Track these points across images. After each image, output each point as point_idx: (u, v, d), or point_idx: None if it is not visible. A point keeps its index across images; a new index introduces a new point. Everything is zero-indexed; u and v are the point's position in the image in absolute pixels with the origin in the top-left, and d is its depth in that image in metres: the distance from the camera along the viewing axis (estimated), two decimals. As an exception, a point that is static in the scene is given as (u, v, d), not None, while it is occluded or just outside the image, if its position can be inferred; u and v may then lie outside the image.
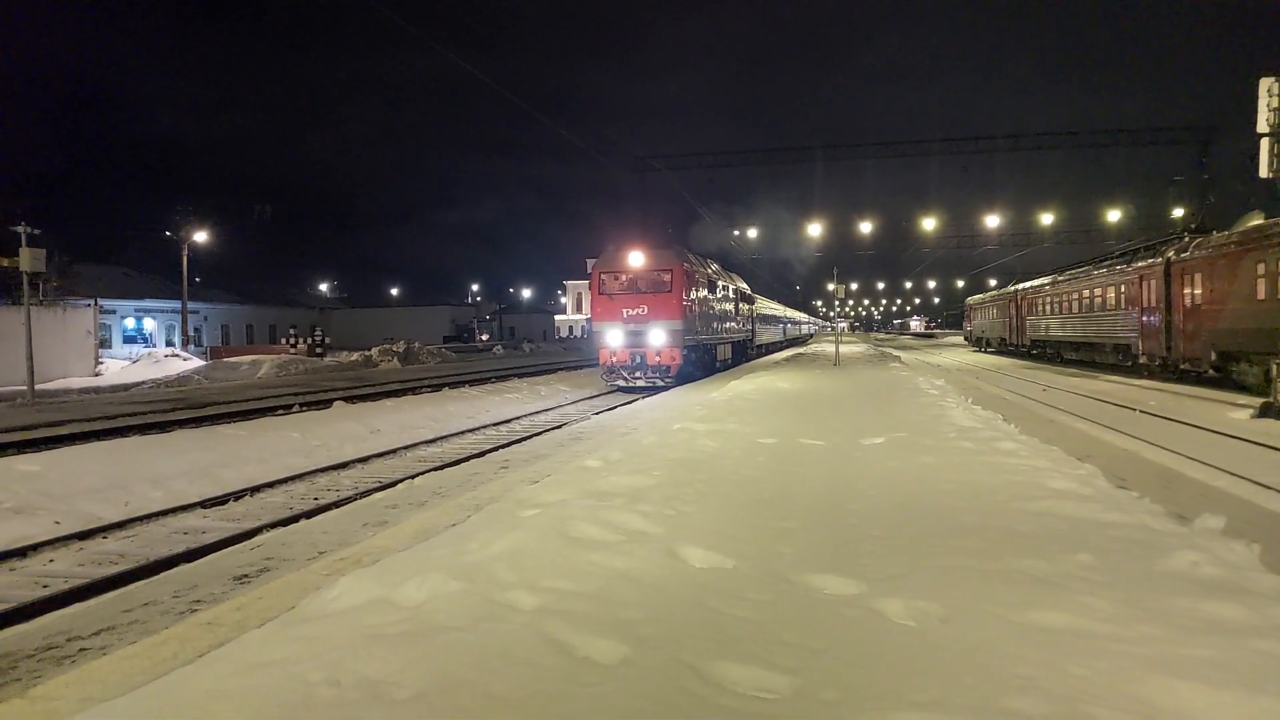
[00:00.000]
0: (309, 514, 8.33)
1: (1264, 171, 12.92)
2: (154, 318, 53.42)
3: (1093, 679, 2.85)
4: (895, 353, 42.09)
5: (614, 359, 22.34)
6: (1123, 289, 25.17)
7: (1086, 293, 29.02)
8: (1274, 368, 13.91)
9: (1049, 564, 4.19)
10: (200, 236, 43.40)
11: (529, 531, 4.86)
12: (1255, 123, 12.79)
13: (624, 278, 22.55)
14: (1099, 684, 2.81)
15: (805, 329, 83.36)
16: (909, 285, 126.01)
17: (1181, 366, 21.15)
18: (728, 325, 29.99)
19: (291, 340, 45.86)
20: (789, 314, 65.06)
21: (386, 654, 3.10)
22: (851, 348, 46.37)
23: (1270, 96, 12.60)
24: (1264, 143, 12.82)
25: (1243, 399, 15.19)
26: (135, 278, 56.02)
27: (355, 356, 39.80)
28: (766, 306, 47.51)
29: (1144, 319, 23.43)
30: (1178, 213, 43.47)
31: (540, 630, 3.33)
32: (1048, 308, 34.37)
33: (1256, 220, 18.65)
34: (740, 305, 33.67)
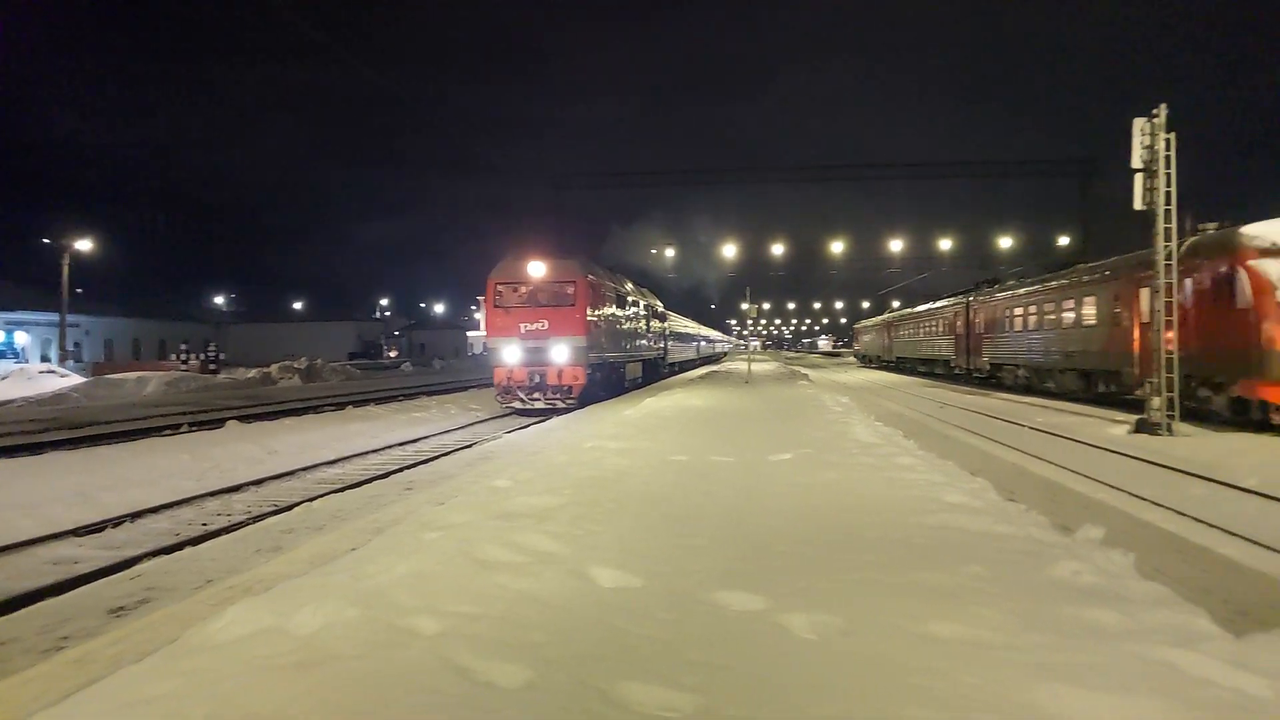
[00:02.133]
0: (196, 540, 7.89)
1: (1137, 204, 13.89)
2: (27, 331, 50.00)
3: (984, 687, 2.95)
4: (804, 371, 43.16)
5: (510, 378, 20.53)
6: (944, 321, 36.09)
7: (928, 322, 39.53)
8: (1096, 383, 20.53)
9: (944, 575, 4.34)
10: (84, 245, 40.90)
11: (433, 554, 4.73)
12: (1130, 159, 13.74)
13: (523, 289, 20.94)
14: (990, 692, 2.92)
15: (720, 347, 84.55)
16: (818, 305, 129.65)
17: (974, 374, 31.10)
18: (638, 343, 29.00)
19: (183, 356, 43.62)
20: (703, 332, 65.63)
21: (277, 686, 2.94)
22: (763, 366, 47.34)
23: (1143, 135, 13.57)
24: (1137, 178, 13.78)
25: (1120, 416, 16.19)
26: (7, 288, 52.31)
27: (253, 374, 38.17)
28: (680, 324, 47.75)
29: (956, 340, 33.65)
30: (1063, 240, 46.31)
31: (442, 655, 3.24)
32: (906, 332, 45.32)
33: (1012, 281, 29.44)
34: (652, 322, 32.72)
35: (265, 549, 6.67)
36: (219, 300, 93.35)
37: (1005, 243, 47.14)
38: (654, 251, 49.54)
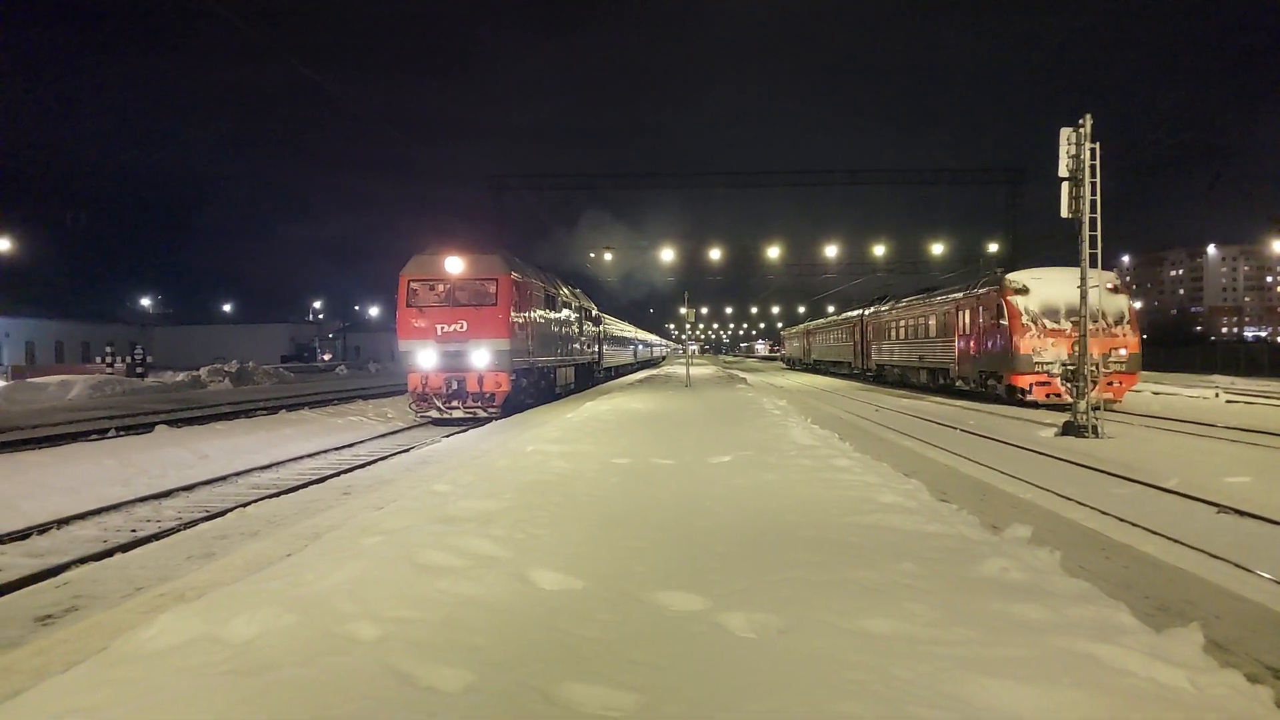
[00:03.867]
0: (125, 547, 7.62)
1: (1064, 212, 14.43)
2: (-60, 332, 47.53)
3: (915, 680, 3.05)
4: (742, 374, 43.71)
5: (425, 385, 18.84)
6: (847, 329, 44.57)
7: (836, 331, 48.48)
8: (923, 376, 29.24)
9: (878, 574, 4.46)
10: (1, 244, 39.05)
11: (371, 560, 4.67)
12: (1057, 168, 14.29)
13: (440, 288, 19.22)
14: (921, 685, 3.02)
15: (658, 351, 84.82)
16: (755, 310, 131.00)
17: (867, 373, 39.06)
18: (570, 346, 27.27)
19: (108, 359, 41.99)
20: (641, 336, 65.36)
21: (212, 695, 2.89)
22: (701, 370, 47.77)
23: (1069, 145, 14.11)
24: (1064, 186, 14.32)
25: (1049, 418, 16.80)
26: (-83, 287, 49.64)
27: (181, 377, 36.98)
28: (617, 327, 47.03)
29: (855, 346, 41.79)
30: (993, 247, 47.80)
31: (382, 661, 3.21)
32: (820, 338, 54.35)
33: (891, 301, 36.22)
34: (585, 324, 30.82)
35: (198, 556, 6.49)
36: (145, 302, 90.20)
37: (937, 248, 48.46)
38: (592, 255, 49.46)
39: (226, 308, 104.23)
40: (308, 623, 3.62)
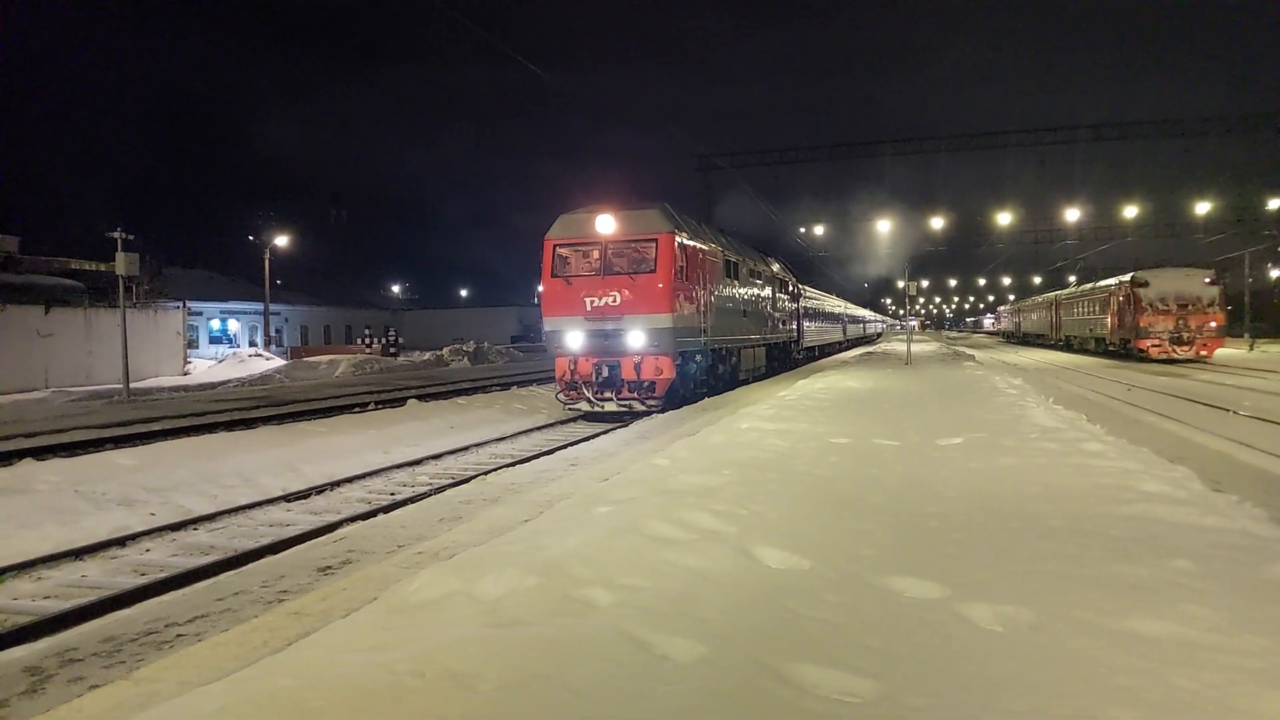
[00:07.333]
0: (387, 508, 8.53)
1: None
2: (238, 319, 55.60)
3: (1200, 692, 2.70)
4: (968, 351, 40.99)
5: (574, 371, 15.71)
6: (1046, 307, 53.71)
7: (1039, 310, 57.31)
8: (1092, 344, 40.02)
9: (1145, 570, 4.01)
10: (281, 241, 44.99)
11: (602, 528, 4.87)
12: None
13: (592, 253, 15.66)
14: (1208, 697, 2.67)
15: (872, 328, 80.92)
16: (982, 282, 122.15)
17: (1059, 344, 47.27)
18: (761, 324, 23.41)
19: (367, 340, 47.17)
20: (852, 310, 60.30)
21: (467, 646, 3.14)
22: (923, 346, 45.35)
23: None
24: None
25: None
26: (220, 280, 58.49)
27: (427, 356, 40.76)
28: (823, 302, 42.43)
29: (1050, 321, 50.77)
30: (1274, 204, 41.32)
31: (617, 627, 3.33)
32: (1027, 315, 63.65)
33: (1073, 288, 47.08)
34: (778, 298, 25.98)
35: (447, 518, 7.10)
36: (396, 289, 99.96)
37: (1203, 208, 42.64)
38: (802, 230, 48.28)
39: (463, 292, 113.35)
40: (548, 585, 3.84)
